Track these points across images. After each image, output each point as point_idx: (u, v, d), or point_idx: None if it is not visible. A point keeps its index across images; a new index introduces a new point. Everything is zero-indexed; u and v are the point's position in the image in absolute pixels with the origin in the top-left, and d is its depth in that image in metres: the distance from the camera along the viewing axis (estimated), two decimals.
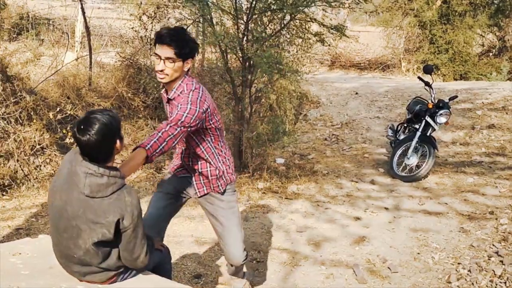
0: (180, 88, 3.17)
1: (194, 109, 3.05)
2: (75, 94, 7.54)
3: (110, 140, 2.59)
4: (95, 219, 2.56)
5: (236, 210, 3.56)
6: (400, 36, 17.59)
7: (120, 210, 2.58)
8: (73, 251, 2.63)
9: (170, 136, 2.98)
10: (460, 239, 5.34)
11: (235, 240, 3.52)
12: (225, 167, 3.45)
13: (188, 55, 3.11)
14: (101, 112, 2.59)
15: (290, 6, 6.66)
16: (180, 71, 3.13)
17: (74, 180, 2.58)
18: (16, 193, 6.19)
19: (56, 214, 2.65)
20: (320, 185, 7.08)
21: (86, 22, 8.68)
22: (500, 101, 10.49)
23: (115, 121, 2.62)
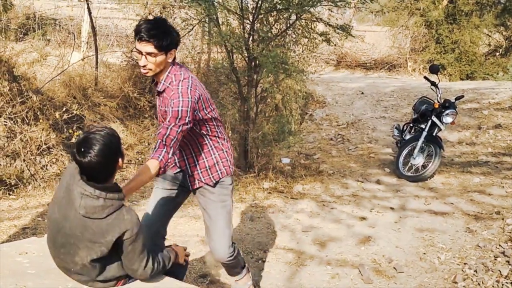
0: (168, 79, 3.15)
1: (186, 100, 3.03)
2: (81, 94, 7.56)
3: (112, 160, 2.56)
4: (93, 239, 2.54)
5: (227, 204, 3.48)
6: (406, 35, 17.56)
7: (119, 229, 2.55)
8: (70, 265, 2.64)
9: (174, 140, 3.00)
10: (466, 239, 5.32)
11: (220, 235, 3.46)
12: (221, 158, 3.40)
13: (170, 47, 3.06)
14: (100, 132, 2.53)
15: (296, 6, 6.66)
16: (164, 63, 3.09)
17: (71, 198, 2.55)
18: (23, 193, 6.21)
19: (54, 228, 2.64)
20: (325, 185, 7.07)
21: (92, 22, 8.70)
22: (506, 101, 10.45)
23: (115, 140, 2.58)
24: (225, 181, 3.45)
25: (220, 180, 3.43)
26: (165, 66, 3.13)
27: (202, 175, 3.39)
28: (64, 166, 6.78)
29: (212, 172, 3.39)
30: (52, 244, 2.68)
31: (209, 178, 3.39)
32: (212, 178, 3.40)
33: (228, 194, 3.49)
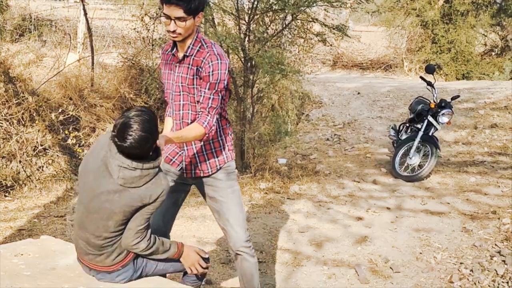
0: (197, 43, 3.07)
1: (225, 63, 3.03)
2: (77, 95, 7.56)
3: (151, 143, 2.63)
4: (131, 203, 2.66)
5: (236, 189, 3.37)
6: (402, 35, 17.60)
7: (156, 193, 2.68)
8: (100, 231, 2.70)
9: (216, 108, 3.04)
10: (463, 239, 5.33)
11: (235, 219, 3.33)
12: (226, 142, 3.33)
13: (198, 9, 2.97)
14: (139, 116, 2.59)
15: (291, 6, 6.67)
16: (193, 27, 3.02)
17: (109, 170, 2.65)
18: (19, 194, 6.21)
19: (89, 195, 2.72)
20: (322, 185, 7.08)
21: (88, 23, 8.70)
22: (502, 101, 10.48)
23: (154, 124, 2.63)
24: (231, 166, 3.36)
25: (225, 165, 3.32)
26: (193, 30, 3.05)
27: (207, 157, 3.27)
28: (60, 167, 6.78)
29: (218, 155, 3.29)
30: (85, 209, 2.74)
31: (215, 161, 3.29)
32: (217, 162, 3.29)
33: (235, 179, 3.39)
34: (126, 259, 2.81)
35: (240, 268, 3.46)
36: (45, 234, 4.79)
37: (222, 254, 4.96)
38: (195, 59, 3.07)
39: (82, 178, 2.79)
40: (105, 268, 2.79)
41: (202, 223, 5.70)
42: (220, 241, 5.22)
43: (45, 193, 6.31)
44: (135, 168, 2.61)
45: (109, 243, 2.73)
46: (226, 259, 4.84)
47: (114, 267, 2.80)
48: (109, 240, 2.73)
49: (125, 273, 2.84)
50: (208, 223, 5.66)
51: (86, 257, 2.79)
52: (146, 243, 2.77)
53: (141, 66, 8.93)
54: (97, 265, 2.79)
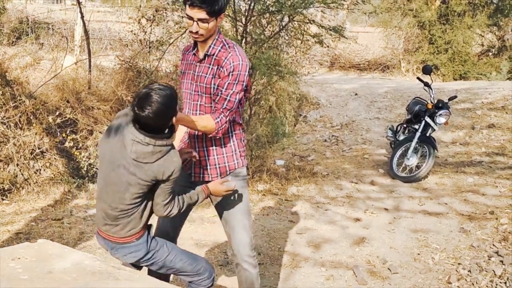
0: (218, 43, 3.10)
1: (245, 64, 3.05)
2: (74, 98, 7.54)
3: (167, 118, 2.75)
4: (145, 178, 2.77)
5: (244, 197, 3.33)
6: (399, 36, 17.61)
7: (169, 170, 2.77)
8: (116, 202, 2.84)
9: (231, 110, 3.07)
10: (460, 240, 5.34)
11: (241, 228, 3.32)
12: (238, 147, 3.30)
13: (221, 11, 3.01)
14: (161, 90, 2.72)
15: (288, 8, 6.67)
16: (215, 28, 3.06)
17: (124, 143, 2.79)
18: (16, 198, 6.19)
19: (108, 167, 2.86)
20: (320, 187, 7.08)
21: (85, 25, 8.69)
22: (499, 101, 10.50)
23: (173, 101, 2.75)
24: (241, 172, 3.33)
25: (235, 171, 3.30)
26: (215, 31, 3.09)
27: (218, 161, 3.26)
28: (57, 170, 6.77)
29: (229, 161, 3.27)
30: (104, 182, 2.89)
31: (225, 166, 3.27)
32: (227, 167, 3.27)
33: (245, 186, 3.35)
34: (140, 232, 2.95)
35: (240, 277, 3.46)
36: (42, 238, 4.79)
37: (220, 257, 4.96)
38: (216, 58, 3.09)
39: (102, 150, 2.93)
40: (119, 239, 2.93)
41: (200, 225, 5.69)
42: (218, 244, 5.22)
43: (43, 196, 6.30)
44: (147, 143, 2.73)
45: (125, 214, 2.87)
46: (224, 261, 4.84)
47: (128, 239, 2.93)
48: (124, 212, 2.86)
49: (137, 252, 2.96)
50: (206, 225, 5.66)
51: (103, 227, 2.94)
52: (177, 209, 2.94)
53: (138, 69, 8.91)
54: (112, 236, 2.93)
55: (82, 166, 6.97)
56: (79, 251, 3.10)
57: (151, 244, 3.01)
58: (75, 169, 6.96)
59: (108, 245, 3.00)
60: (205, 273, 3.17)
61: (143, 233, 2.98)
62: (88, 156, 7.15)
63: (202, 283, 3.18)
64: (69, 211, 5.97)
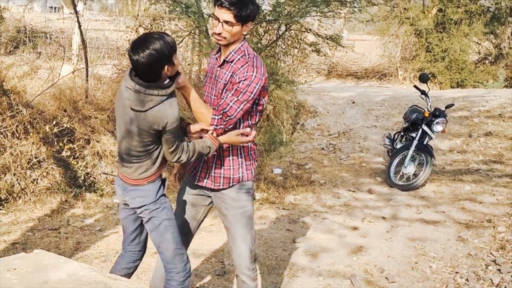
0: (240, 52, 3.08)
1: (258, 77, 3.02)
2: (71, 107, 7.54)
3: (158, 65, 2.79)
4: (142, 127, 2.89)
5: (247, 210, 3.29)
6: (396, 44, 17.70)
7: (162, 121, 2.84)
8: (128, 149, 3.03)
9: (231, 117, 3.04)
10: (458, 248, 5.33)
11: (241, 241, 3.30)
12: (246, 161, 3.27)
13: (248, 19, 3.00)
14: (156, 37, 2.80)
15: (285, 17, 6.70)
16: (239, 34, 3.04)
17: (121, 91, 2.95)
18: (13, 207, 6.18)
19: (120, 120, 3.02)
20: (317, 195, 7.07)
21: (82, 35, 8.70)
22: (497, 109, 10.52)
23: (167, 48, 2.79)
24: (245, 185, 3.29)
25: (239, 184, 3.26)
26: (239, 38, 3.07)
27: (224, 172, 3.23)
28: (54, 180, 6.76)
29: (234, 174, 3.24)
30: (119, 128, 3.07)
31: (228, 178, 3.24)
32: (231, 180, 3.24)
33: (248, 200, 3.31)
34: (152, 177, 3.08)
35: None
36: (39, 248, 4.78)
37: (217, 266, 4.94)
38: (233, 66, 3.07)
39: (116, 103, 3.06)
40: (132, 181, 3.07)
41: (197, 234, 5.65)
42: (215, 253, 5.20)
43: (40, 206, 6.29)
44: (138, 91, 2.81)
45: (137, 159, 3.03)
46: (221, 271, 4.82)
47: (139, 181, 3.07)
48: (136, 158, 3.02)
49: (144, 197, 3.08)
50: (203, 234, 5.65)
51: (122, 169, 3.13)
52: (185, 156, 3.01)
53: None
54: (127, 177, 3.09)
55: (79, 176, 6.96)
56: (75, 262, 3.09)
57: (161, 198, 3.12)
58: (72, 179, 6.95)
59: (122, 186, 3.14)
60: (181, 264, 3.20)
61: (155, 179, 3.10)
62: (85, 165, 7.15)
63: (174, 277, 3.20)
64: (66, 220, 5.95)
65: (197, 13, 6.82)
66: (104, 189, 6.97)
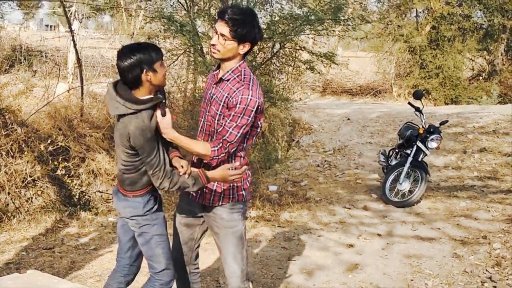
0: (237, 71, 3.08)
1: (255, 100, 3.00)
2: (66, 126, 7.53)
3: (137, 68, 2.84)
4: (117, 137, 2.96)
5: (237, 230, 3.27)
6: (390, 61, 17.81)
7: (127, 134, 2.87)
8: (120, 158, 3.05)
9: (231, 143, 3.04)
10: (454, 265, 5.33)
11: (232, 261, 3.31)
12: (238, 182, 3.21)
13: (245, 38, 3.01)
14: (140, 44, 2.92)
15: (279, 35, 6.74)
16: (234, 52, 3.04)
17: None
18: (7, 226, 6.14)
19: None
20: (313, 212, 7.07)
21: (77, 54, 8.73)
22: (491, 125, 10.57)
23: (149, 53, 2.86)
24: (236, 206, 3.27)
25: (230, 204, 3.25)
26: (235, 56, 3.07)
27: (215, 190, 3.22)
28: (49, 198, 6.74)
29: (225, 193, 3.23)
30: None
31: (219, 197, 3.23)
32: (222, 199, 3.23)
33: (239, 219, 3.29)
34: (139, 192, 3.09)
35: None
36: (32, 268, 4.76)
37: (212, 285, 4.92)
38: (228, 85, 3.07)
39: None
40: (122, 191, 3.12)
41: None
42: (210, 272, 5.18)
43: (34, 225, 6.26)
44: (110, 95, 2.89)
45: (126, 170, 3.05)
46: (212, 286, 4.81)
47: (128, 192, 3.11)
48: (124, 168, 3.04)
49: (133, 208, 3.11)
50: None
51: (119, 177, 3.16)
52: (167, 183, 2.95)
53: None
54: (120, 186, 3.14)
55: (74, 194, 6.95)
56: (69, 282, 3.08)
57: (151, 214, 3.13)
58: (67, 197, 6.93)
59: (116, 194, 3.19)
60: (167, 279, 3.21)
61: (144, 194, 3.10)
62: (80, 183, 7.13)
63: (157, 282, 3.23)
64: (60, 239, 5.93)
65: (191, 31, 6.86)
66: (99, 208, 6.94)
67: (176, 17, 7.61)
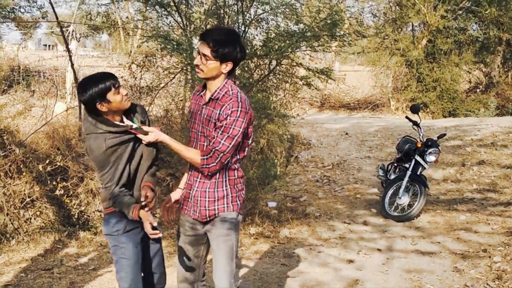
0: (224, 89, 3.16)
1: (244, 111, 3.10)
2: (65, 145, 7.54)
3: (92, 104, 3.13)
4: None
5: (229, 239, 3.29)
6: (388, 75, 17.88)
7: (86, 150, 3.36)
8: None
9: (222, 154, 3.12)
10: (454, 279, 5.30)
11: (221, 272, 3.31)
12: (231, 193, 3.28)
13: (226, 58, 3.11)
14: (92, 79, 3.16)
15: (275, 52, 6.77)
16: (216, 71, 3.13)
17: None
18: (6, 248, 6.12)
19: None
20: (312, 228, 7.05)
21: (75, 73, 8.75)
22: (489, 137, 10.58)
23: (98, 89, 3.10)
24: (229, 216, 3.29)
25: (223, 214, 3.27)
26: (218, 75, 3.16)
27: (208, 204, 3.26)
28: (48, 219, 6.72)
29: (218, 205, 3.26)
30: None
31: (214, 210, 3.26)
32: (216, 210, 3.26)
33: (232, 229, 3.30)
34: (107, 210, 3.30)
35: None
36: None
37: None
38: (219, 103, 3.15)
39: None
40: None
41: None
42: None
43: (33, 245, 6.24)
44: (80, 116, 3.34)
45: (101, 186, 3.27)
46: None
47: (103, 209, 3.33)
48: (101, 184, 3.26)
49: (105, 227, 3.32)
50: None
51: None
52: (112, 201, 3.18)
53: None
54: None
55: (73, 214, 6.93)
56: None
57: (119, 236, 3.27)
58: (66, 217, 6.91)
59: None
60: None
61: (111, 214, 3.27)
62: (79, 203, 7.12)
63: None
64: (59, 260, 5.90)
65: (188, 50, 6.89)
66: (98, 227, 6.92)
67: (173, 36, 7.65)
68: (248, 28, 7.43)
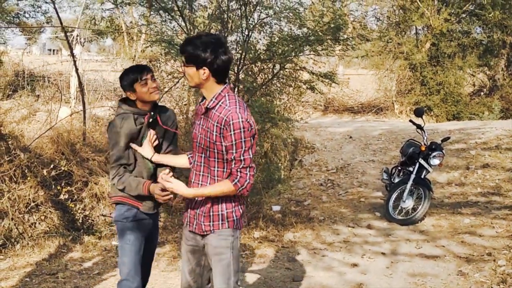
0: (220, 98, 3.13)
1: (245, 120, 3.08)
2: (69, 150, 7.56)
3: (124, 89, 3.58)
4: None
5: (224, 258, 3.24)
6: (391, 79, 17.86)
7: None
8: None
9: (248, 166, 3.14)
10: (459, 283, 5.29)
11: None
12: (227, 208, 3.21)
13: (199, 63, 3.07)
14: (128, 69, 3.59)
15: (279, 56, 6.79)
16: (197, 78, 3.13)
17: None
18: (11, 252, 6.14)
19: None
20: (316, 232, 7.04)
21: (79, 78, 8.79)
22: (493, 140, 10.55)
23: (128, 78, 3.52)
24: (224, 233, 3.24)
25: (218, 231, 3.23)
26: (202, 82, 3.14)
27: (204, 219, 3.24)
28: (53, 223, 6.74)
29: (214, 220, 3.22)
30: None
31: (209, 225, 3.23)
32: (212, 226, 3.22)
33: (227, 247, 3.24)
34: (114, 198, 3.59)
35: None
36: None
37: None
38: (216, 113, 3.11)
39: None
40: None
41: None
42: None
43: (38, 250, 6.25)
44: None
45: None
46: None
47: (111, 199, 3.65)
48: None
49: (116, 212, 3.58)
50: None
51: None
52: (117, 180, 3.51)
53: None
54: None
55: (77, 218, 6.95)
56: None
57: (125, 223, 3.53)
58: (70, 222, 6.93)
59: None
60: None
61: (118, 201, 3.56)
62: (84, 207, 7.14)
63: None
64: (64, 265, 5.92)
65: None
66: (103, 232, 6.94)
67: (177, 40, 7.67)
68: (252, 32, 7.44)
